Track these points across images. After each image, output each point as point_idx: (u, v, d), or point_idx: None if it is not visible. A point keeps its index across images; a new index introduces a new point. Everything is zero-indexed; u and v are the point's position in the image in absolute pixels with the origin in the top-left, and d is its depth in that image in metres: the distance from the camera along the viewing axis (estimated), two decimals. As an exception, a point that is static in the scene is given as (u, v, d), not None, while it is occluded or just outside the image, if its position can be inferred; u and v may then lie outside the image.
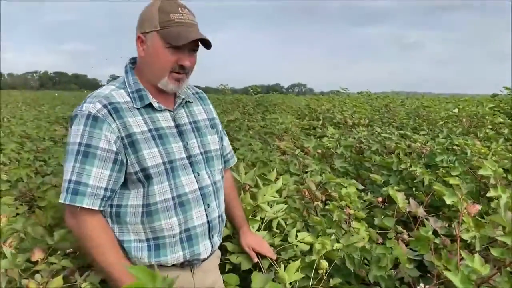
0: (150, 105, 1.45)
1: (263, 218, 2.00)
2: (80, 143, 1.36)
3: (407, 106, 8.15)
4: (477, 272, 1.28)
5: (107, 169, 1.37)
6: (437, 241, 1.86)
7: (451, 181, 1.94)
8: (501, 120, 4.52)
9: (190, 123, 1.55)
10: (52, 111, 8.92)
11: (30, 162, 3.23)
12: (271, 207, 2.04)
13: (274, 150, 3.20)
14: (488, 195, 1.65)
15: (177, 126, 1.50)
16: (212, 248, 1.57)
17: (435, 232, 1.93)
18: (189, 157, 1.50)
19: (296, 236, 1.92)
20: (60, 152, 3.27)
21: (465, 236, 1.74)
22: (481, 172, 2.09)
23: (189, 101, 1.59)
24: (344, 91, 10.70)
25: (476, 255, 1.30)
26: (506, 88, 7.35)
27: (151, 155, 1.40)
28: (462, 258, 1.86)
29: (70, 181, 1.36)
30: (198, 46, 1.45)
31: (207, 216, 1.52)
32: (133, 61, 1.54)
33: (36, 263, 1.48)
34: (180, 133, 1.50)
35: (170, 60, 1.42)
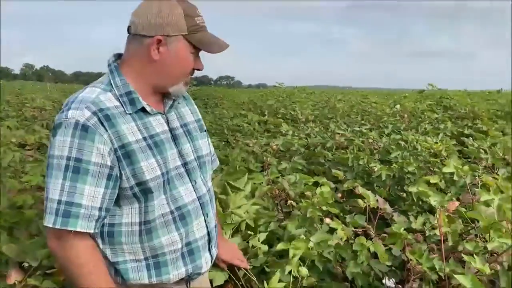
0: (142, 109, 1.32)
1: (235, 224, 1.96)
2: (68, 157, 1.19)
3: (344, 101, 8.48)
4: (482, 271, 1.33)
5: (101, 187, 1.23)
6: (409, 236, 1.94)
7: (432, 180, 2.02)
8: (437, 115, 4.83)
9: (181, 126, 1.44)
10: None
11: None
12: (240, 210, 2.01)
13: (236, 147, 3.15)
14: (482, 199, 1.73)
15: (171, 130, 1.39)
16: (211, 260, 1.50)
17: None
18: (185, 164, 1.39)
19: (259, 240, 1.91)
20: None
21: (437, 231, 1.83)
22: (444, 169, 2.19)
23: (178, 102, 1.47)
24: (280, 86, 10.82)
25: (476, 256, 1.36)
26: (430, 84, 7.95)
27: (149, 167, 1.28)
28: (430, 252, 1.97)
29: (59, 201, 1.19)
30: None
31: (207, 226, 1.44)
32: (115, 58, 1.37)
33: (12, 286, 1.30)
34: (174, 138, 1.39)
35: (191, 65, 1.34)
